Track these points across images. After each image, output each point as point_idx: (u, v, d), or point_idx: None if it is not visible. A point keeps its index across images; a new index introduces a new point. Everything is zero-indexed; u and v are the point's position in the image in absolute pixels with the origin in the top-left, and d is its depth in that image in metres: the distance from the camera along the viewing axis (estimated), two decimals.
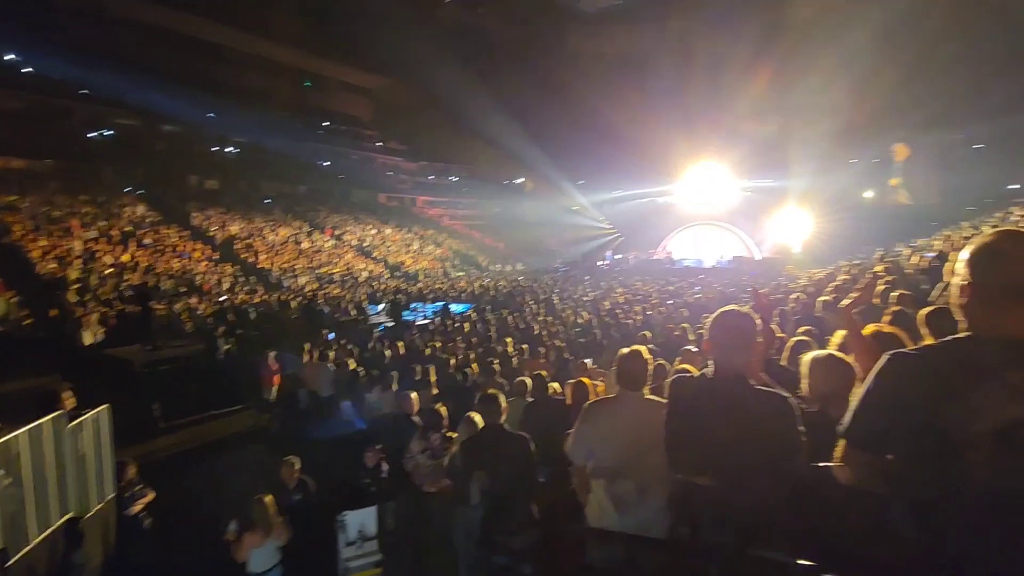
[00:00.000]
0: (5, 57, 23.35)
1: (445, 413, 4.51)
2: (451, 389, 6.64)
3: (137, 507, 4.28)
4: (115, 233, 19.52)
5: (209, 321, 13.20)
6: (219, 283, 18.64)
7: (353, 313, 15.61)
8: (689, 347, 5.07)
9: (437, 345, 9.53)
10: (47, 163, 23.26)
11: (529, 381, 4.99)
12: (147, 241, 20.06)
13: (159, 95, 24.17)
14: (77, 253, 16.96)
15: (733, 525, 1.79)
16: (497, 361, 7.27)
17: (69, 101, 24.82)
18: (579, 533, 2.34)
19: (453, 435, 4.24)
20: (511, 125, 33.78)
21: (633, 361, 2.55)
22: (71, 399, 3.99)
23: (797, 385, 2.18)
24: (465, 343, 9.90)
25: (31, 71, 23.50)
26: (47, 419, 3.48)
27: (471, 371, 7.21)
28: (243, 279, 19.95)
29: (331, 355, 8.84)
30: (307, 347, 8.92)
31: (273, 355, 8.86)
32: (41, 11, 22.64)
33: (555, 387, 5.04)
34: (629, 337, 8.82)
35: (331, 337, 11.30)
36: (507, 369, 7.22)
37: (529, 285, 21.00)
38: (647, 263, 30.76)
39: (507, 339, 9.36)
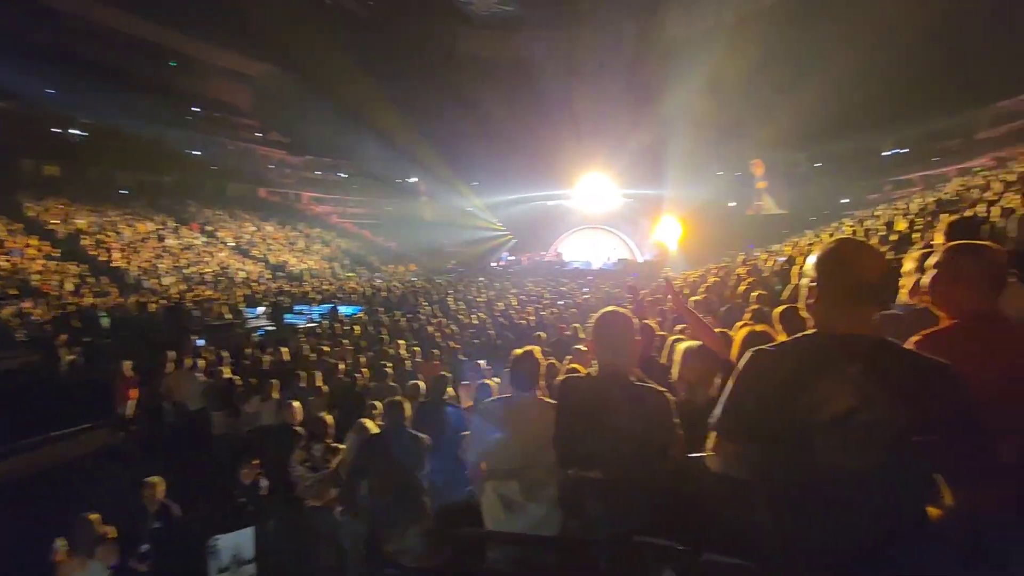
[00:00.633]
0: None
1: (331, 421, 4.26)
2: (340, 395, 6.31)
3: None
4: None
5: (47, 328, 11.43)
6: (61, 284, 16.19)
7: (228, 317, 14.32)
8: (579, 346, 5.26)
9: (325, 349, 9.03)
10: None
11: (423, 384, 4.89)
12: None
13: None
14: None
15: (620, 516, 1.87)
16: (390, 364, 7.05)
17: None
18: (473, 536, 2.31)
19: (340, 446, 4.02)
20: (404, 123, 33.10)
21: (525, 362, 2.58)
22: None
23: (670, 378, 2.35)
24: (355, 346, 9.49)
25: None
26: None
27: (362, 375, 6.91)
28: (92, 279, 17.51)
29: (201, 363, 8.01)
30: (171, 355, 8.00)
31: (129, 365, 7.85)
32: None
33: (449, 390, 4.98)
34: (523, 337, 8.99)
35: (201, 343, 10.25)
36: (400, 372, 7.03)
37: (423, 286, 20.68)
38: (539, 265, 31.66)
39: (400, 341, 9.12)
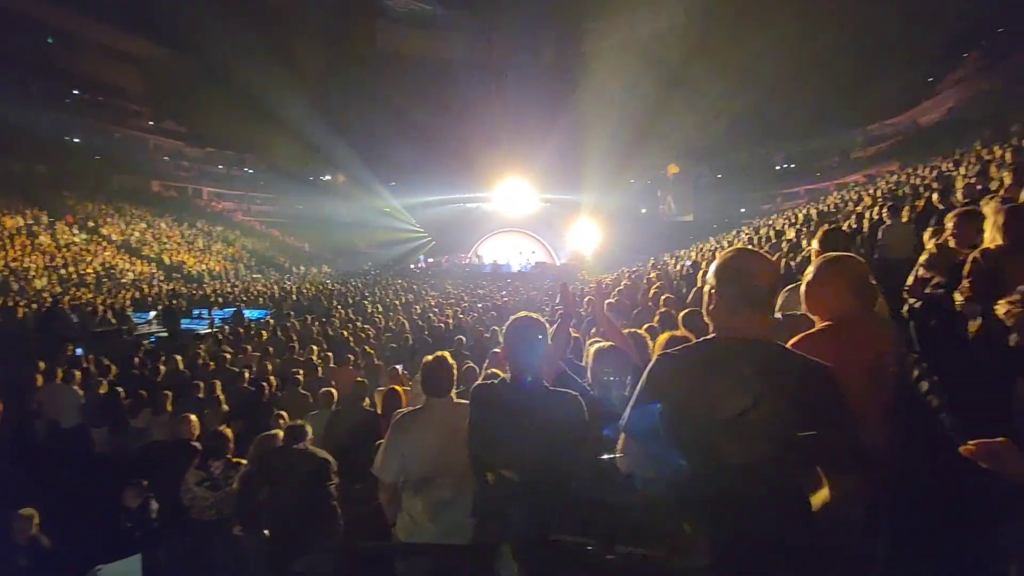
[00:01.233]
0: None
1: (231, 435, 3.97)
2: (244, 406, 5.90)
3: None
4: None
5: None
6: None
7: (113, 322, 12.98)
8: (497, 349, 5.29)
9: (227, 356, 8.42)
10: None
11: (335, 392, 4.70)
12: None
13: None
14: None
15: (535, 518, 1.89)
16: (300, 371, 6.69)
17: None
18: (382, 550, 2.25)
19: (242, 461, 3.75)
20: (318, 118, 31.65)
21: (437, 368, 2.58)
22: None
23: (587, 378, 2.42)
24: (261, 353, 8.92)
25: None
26: None
27: (269, 384, 6.50)
28: None
29: (77, 374, 7.17)
30: (42, 366, 7.11)
31: None
32: None
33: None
34: (441, 341, 8.89)
35: (80, 352, 9.20)
36: (312, 379, 6.70)
37: (337, 289, 19.91)
38: (459, 267, 31.55)
39: (312, 346, 8.69)
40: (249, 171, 40.13)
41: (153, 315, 14.28)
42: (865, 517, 1.52)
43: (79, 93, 30.79)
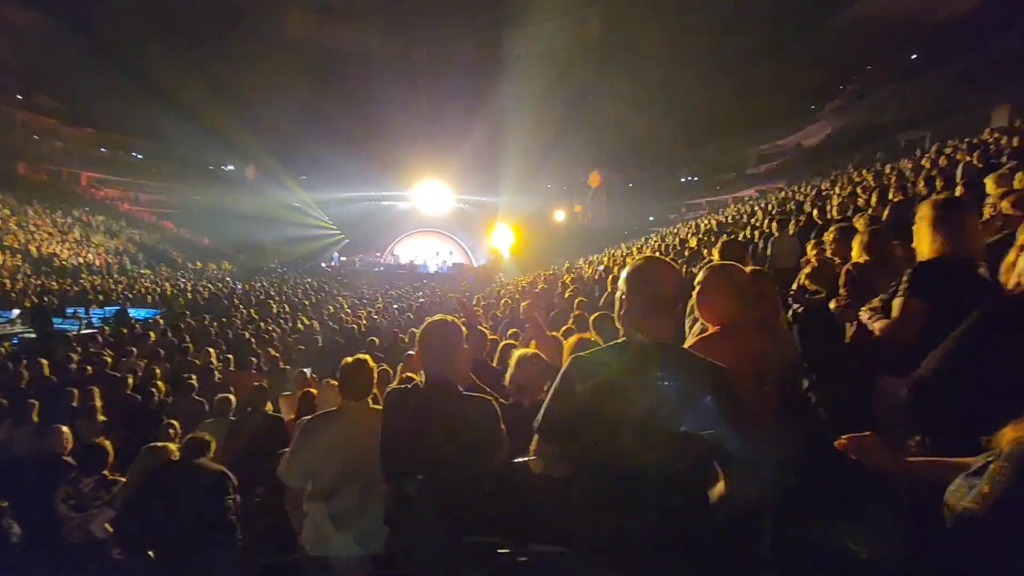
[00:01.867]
0: None
1: (111, 448, 3.57)
2: (126, 416, 5.34)
3: None
4: None
5: None
6: None
7: None
8: (412, 352, 5.19)
9: (107, 360, 7.60)
10: None
11: (233, 398, 4.40)
12: None
13: None
14: None
15: (450, 522, 1.88)
16: (195, 376, 6.17)
17: None
18: (290, 565, 2.13)
19: (120, 478, 3.40)
20: (221, 103, 29.27)
21: (357, 370, 2.51)
22: None
23: (502, 381, 2.44)
24: (149, 356, 8.14)
25: None
26: None
27: (157, 390, 5.93)
28: None
29: None
30: None
31: None
32: None
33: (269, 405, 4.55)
34: (354, 343, 8.59)
35: None
36: (208, 384, 6.20)
37: (240, 287, 18.64)
38: (374, 267, 30.70)
39: (209, 349, 8.06)
40: (138, 156, 36.42)
41: (17, 313, 12.61)
42: (754, 504, 1.65)
43: None
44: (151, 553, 2.82)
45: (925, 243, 2.00)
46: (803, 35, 26.70)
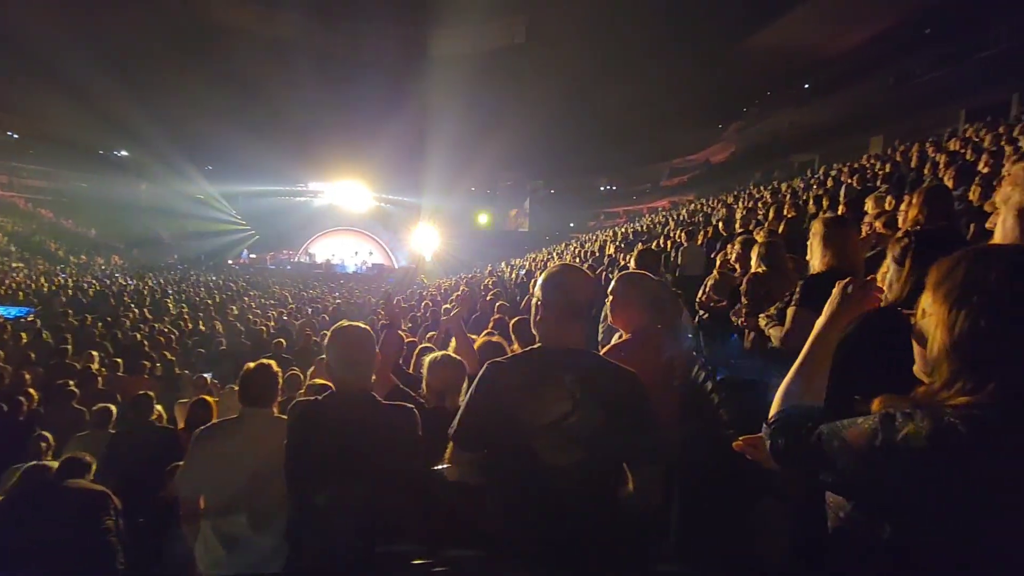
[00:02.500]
0: None
1: None
2: None
3: None
4: None
5: None
6: None
7: None
8: (324, 356, 4.96)
9: None
10: None
11: (113, 408, 3.99)
12: None
13: None
14: None
15: (363, 533, 1.80)
16: (74, 382, 5.52)
17: None
18: None
19: None
20: (113, 83, 26.35)
21: (259, 375, 2.33)
22: None
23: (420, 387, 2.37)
24: (19, 359, 7.20)
25: None
26: None
27: (28, 399, 5.24)
28: None
29: None
30: None
31: None
32: None
33: (159, 410, 4.16)
34: (261, 346, 8.10)
35: None
36: (90, 392, 5.58)
37: (132, 284, 17.03)
38: (286, 265, 29.19)
39: (92, 352, 7.26)
40: (12, 136, 32.27)
41: None
42: (661, 501, 1.71)
43: None
44: None
45: (816, 257, 2.20)
46: (711, 61, 28.66)
